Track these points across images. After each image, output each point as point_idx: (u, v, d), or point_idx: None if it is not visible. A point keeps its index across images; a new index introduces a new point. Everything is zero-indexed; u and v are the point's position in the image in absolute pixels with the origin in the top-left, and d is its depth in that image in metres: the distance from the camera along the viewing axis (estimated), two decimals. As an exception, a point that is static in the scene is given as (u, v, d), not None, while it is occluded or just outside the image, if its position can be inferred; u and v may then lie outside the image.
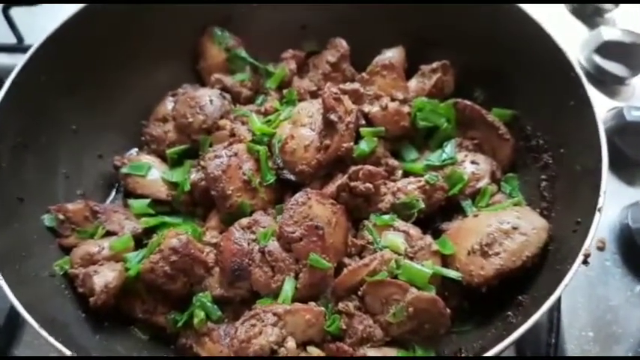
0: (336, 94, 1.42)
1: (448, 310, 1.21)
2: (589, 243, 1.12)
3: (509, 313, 1.24)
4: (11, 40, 1.99)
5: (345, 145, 1.39)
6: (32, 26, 1.98)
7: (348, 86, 1.53)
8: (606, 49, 1.94)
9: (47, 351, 1.45)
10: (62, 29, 1.47)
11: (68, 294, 1.32)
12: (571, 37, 2.05)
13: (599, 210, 1.15)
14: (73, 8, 1.49)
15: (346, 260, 1.35)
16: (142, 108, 1.68)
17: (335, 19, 1.74)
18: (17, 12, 1.95)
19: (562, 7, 2.18)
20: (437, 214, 1.46)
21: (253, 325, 1.19)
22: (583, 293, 1.54)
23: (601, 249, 1.57)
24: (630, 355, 1.45)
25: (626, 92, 1.95)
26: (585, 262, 1.11)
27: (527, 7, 1.48)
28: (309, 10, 1.74)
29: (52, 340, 1.08)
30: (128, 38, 1.61)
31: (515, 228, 1.27)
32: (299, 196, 1.33)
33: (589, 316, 1.51)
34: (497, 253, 1.25)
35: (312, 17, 1.76)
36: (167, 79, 1.70)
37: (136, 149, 1.69)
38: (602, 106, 1.83)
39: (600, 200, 1.16)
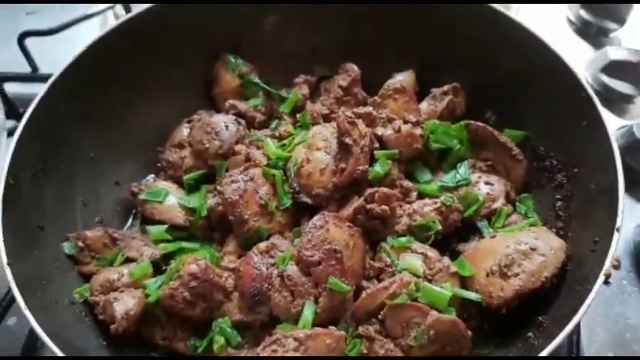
0: (350, 117, 1.44)
1: (469, 332, 1.21)
2: (609, 263, 1.12)
3: (530, 334, 1.25)
4: (26, 69, 2.02)
5: (360, 167, 1.40)
6: (46, 56, 2.00)
7: (362, 110, 1.55)
8: (613, 68, 1.97)
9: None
10: (80, 59, 1.49)
11: (88, 321, 1.33)
12: (576, 56, 2.07)
13: (617, 230, 1.16)
14: (87, 39, 1.52)
15: (364, 283, 1.35)
16: (158, 134, 1.71)
17: (344, 43, 1.77)
18: (32, 42, 1.98)
19: (567, 27, 2.22)
20: (453, 235, 1.47)
21: (274, 351, 1.19)
22: (600, 312, 1.54)
23: (616, 267, 1.54)
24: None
25: (634, 110, 1.97)
26: (607, 282, 1.11)
27: (534, 29, 1.50)
28: (319, 34, 1.77)
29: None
30: (143, 66, 1.63)
31: (533, 249, 1.27)
32: (316, 220, 1.34)
33: (608, 335, 1.50)
34: (516, 274, 1.26)
35: (322, 42, 1.78)
36: (182, 106, 1.73)
37: (152, 175, 1.71)
38: (611, 124, 1.82)
39: (618, 220, 1.17)
